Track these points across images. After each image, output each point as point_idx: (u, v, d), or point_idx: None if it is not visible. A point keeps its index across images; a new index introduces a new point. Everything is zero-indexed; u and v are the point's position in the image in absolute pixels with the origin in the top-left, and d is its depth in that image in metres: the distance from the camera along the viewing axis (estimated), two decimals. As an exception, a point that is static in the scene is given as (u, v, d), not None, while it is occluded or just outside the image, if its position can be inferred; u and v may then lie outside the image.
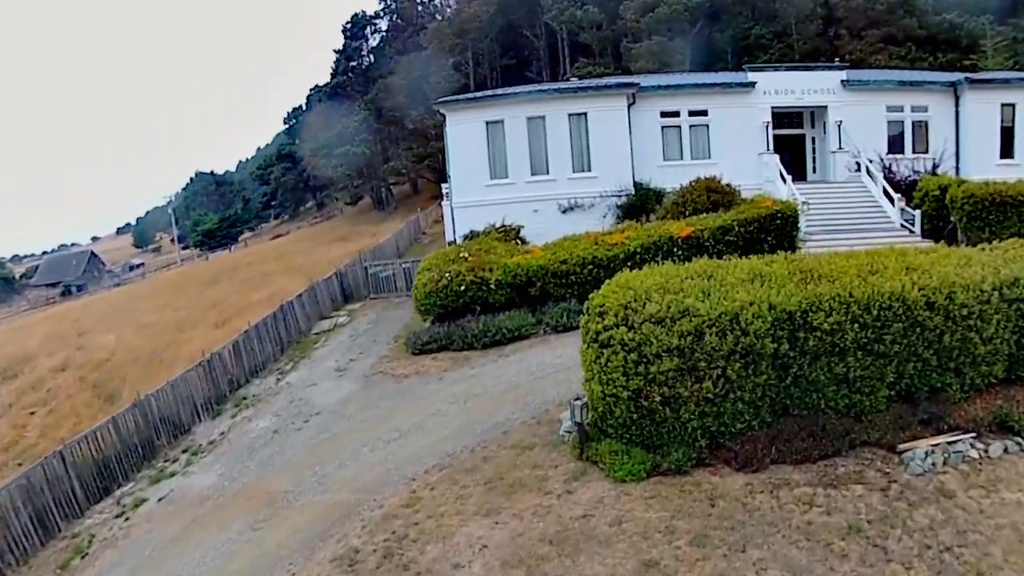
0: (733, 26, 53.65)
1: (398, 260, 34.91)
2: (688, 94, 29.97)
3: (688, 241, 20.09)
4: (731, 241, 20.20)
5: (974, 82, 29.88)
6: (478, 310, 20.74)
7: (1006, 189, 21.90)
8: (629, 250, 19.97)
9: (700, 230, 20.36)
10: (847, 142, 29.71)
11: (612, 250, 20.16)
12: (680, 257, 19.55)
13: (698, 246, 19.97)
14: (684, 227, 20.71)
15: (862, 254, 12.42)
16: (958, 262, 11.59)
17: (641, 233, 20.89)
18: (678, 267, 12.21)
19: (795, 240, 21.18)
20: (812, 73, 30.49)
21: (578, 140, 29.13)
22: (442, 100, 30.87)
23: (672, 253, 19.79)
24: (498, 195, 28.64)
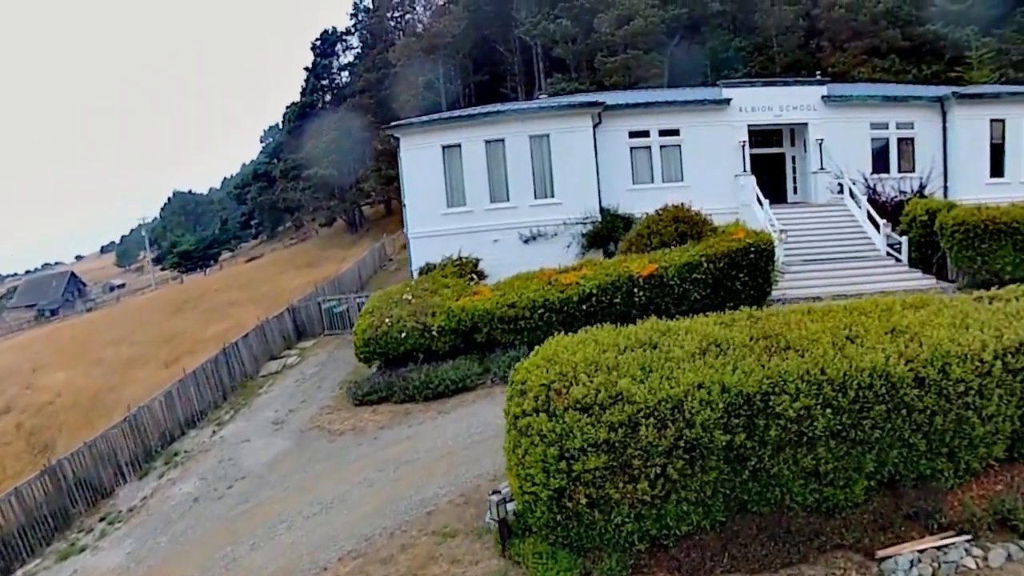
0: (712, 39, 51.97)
1: (352, 295, 33.49)
2: (658, 112, 28.11)
3: (650, 281, 18.25)
4: (699, 280, 18.38)
5: (962, 96, 28.15)
6: (421, 358, 18.96)
7: (999, 215, 20.11)
8: (584, 292, 18.15)
9: (664, 268, 18.41)
10: (829, 162, 27.90)
11: (566, 291, 18.26)
12: (642, 299, 18.07)
13: (661, 286, 18.33)
14: (646, 264, 18.79)
15: (839, 312, 10.48)
16: (952, 322, 9.66)
17: (599, 271, 18.96)
18: (619, 333, 10.18)
19: (771, 276, 19.27)
20: (791, 88, 28.68)
21: (540, 164, 27.14)
22: (396, 124, 28.88)
23: (632, 294, 18.38)
24: (456, 224, 26.84)
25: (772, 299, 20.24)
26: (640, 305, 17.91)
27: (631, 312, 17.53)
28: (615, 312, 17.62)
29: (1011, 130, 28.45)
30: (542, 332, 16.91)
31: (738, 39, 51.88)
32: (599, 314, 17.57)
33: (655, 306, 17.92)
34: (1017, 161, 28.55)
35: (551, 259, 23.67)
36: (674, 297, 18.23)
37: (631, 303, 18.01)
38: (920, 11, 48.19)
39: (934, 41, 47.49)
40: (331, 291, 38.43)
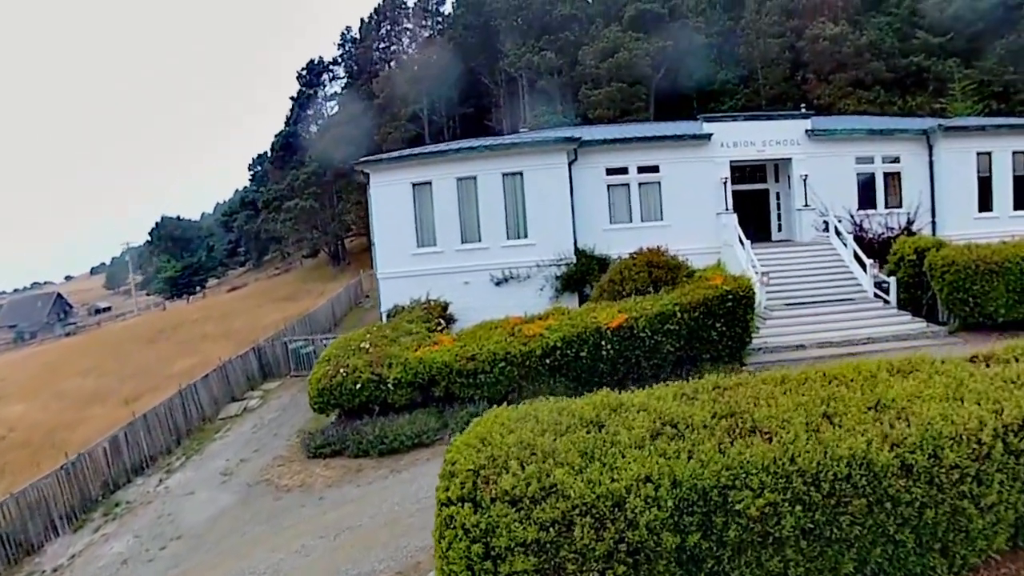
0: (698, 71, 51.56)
1: (319, 335, 32.41)
2: (637, 148, 27.10)
3: (619, 333, 16.82)
4: (672, 331, 17.06)
5: (948, 129, 27.38)
6: (377, 411, 17.66)
7: (991, 255, 19.13)
8: (548, 345, 16.73)
9: (634, 318, 16.95)
10: (813, 198, 26.99)
11: (529, 344, 16.82)
12: (610, 352, 16.97)
13: (631, 338, 16.91)
14: (615, 314, 17.44)
15: (816, 381, 9.30)
16: (945, 393, 8.47)
17: (564, 322, 17.50)
18: (562, 409, 8.95)
19: (750, 325, 18.17)
20: (774, 122, 27.86)
21: (513, 203, 25.93)
22: (365, 159, 27.74)
23: (600, 347, 16.83)
24: (426, 265, 25.64)
25: (753, 347, 19.26)
26: (608, 359, 16.78)
27: (598, 366, 16.66)
28: (581, 366, 16.67)
29: (997, 163, 27.71)
30: (503, 387, 16.42)
31: (724, 71, 51.45)
32: (564, 368, 16.77)
33: (624, 360, 16.92)
34: (1004, 194, 27.79)
35: (524, 302, 23.05)
36: (645, 350, 16.96)
37: (599, 357, 16.76)
38: (903, 43, 48.08)
39: (918, 73, 47.28)
40: (302, 329, 37.41)
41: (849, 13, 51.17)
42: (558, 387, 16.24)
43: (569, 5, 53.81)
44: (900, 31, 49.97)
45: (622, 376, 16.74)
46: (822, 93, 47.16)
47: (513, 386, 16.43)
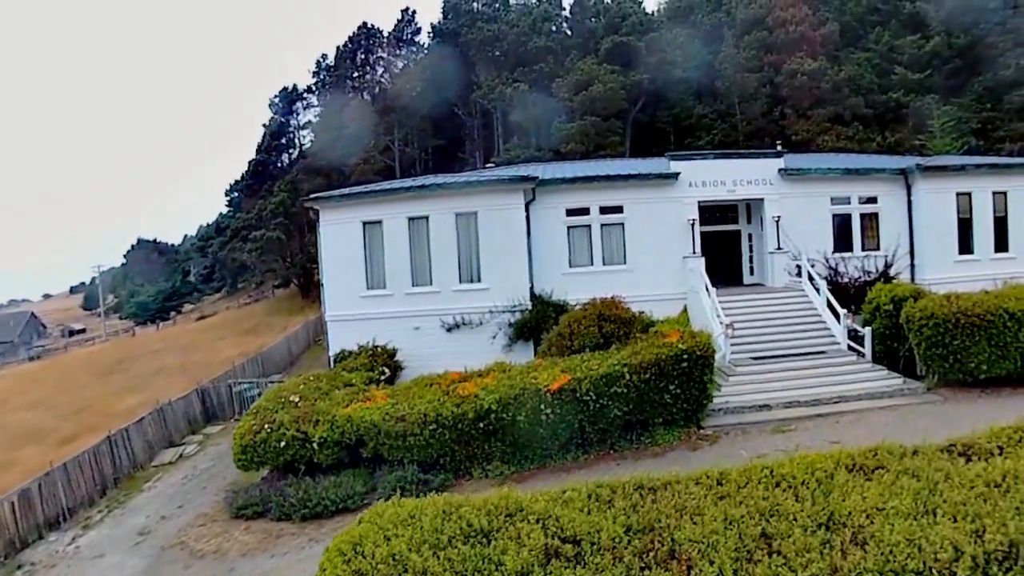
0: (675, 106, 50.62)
1: (265, 378, 31.16)
2: (599, 188, 25.59)
3: (560, 396, 15.19)
4: (620, 394, 15.44)
5: (926, 169, 26.14)
6: (302, 470, 16.46)
7: (972, 307, 17.72)
8: (482, 407, 15.22)
9: (578, 380, 15.33)
10: (786, 241, 25.61)
11: (462, 405, 15.38)
12: (550, 417, 15.25)
13: (574, 401, 15.27)
14: (558, 374, 15.80)
15: (758, 482, 7.80)
16: (915, 505, 6.93)
17: (502, 382, 15.90)
18: (452, 509, 7.43)
19: (708, 387, 16.56)
20: (745, 161, 26.55)
21: (467, 244, 24.39)
22: (314, 196, 26.23)
23: (539, 411, 15.16)
24: (375, 308, 24.18)
25: (714, 407, 17.73)
26: (549, 424, 15.22)
27: (538, 431, 15.17)
28: (519, 431, 15.17)
29: (977, 204, 26.51)
30: (434, 450, 15.42)
31: (701, 106, 50.50)
32: (501, 433, 15.36)
33: (567, 424, 15.36)
34: (985, 236, 26.55)
35: (476, 351, 22.06)
36: (589, 414, 15.41)
37: (538, 421, 15.17)
38: (882, 79, 47.32)
39: (896, 109, 46.52)
40: (252, 369, 35.89)
41: (828, 49, 50.54)
42: (494, 452, 15.40)
43: (545, 37, 52.96)
44: (879, 67, 49.31)
45: (565, 441, 15.56)
46: (800, 129, 46.23)
47: (445, 450, 15.32)
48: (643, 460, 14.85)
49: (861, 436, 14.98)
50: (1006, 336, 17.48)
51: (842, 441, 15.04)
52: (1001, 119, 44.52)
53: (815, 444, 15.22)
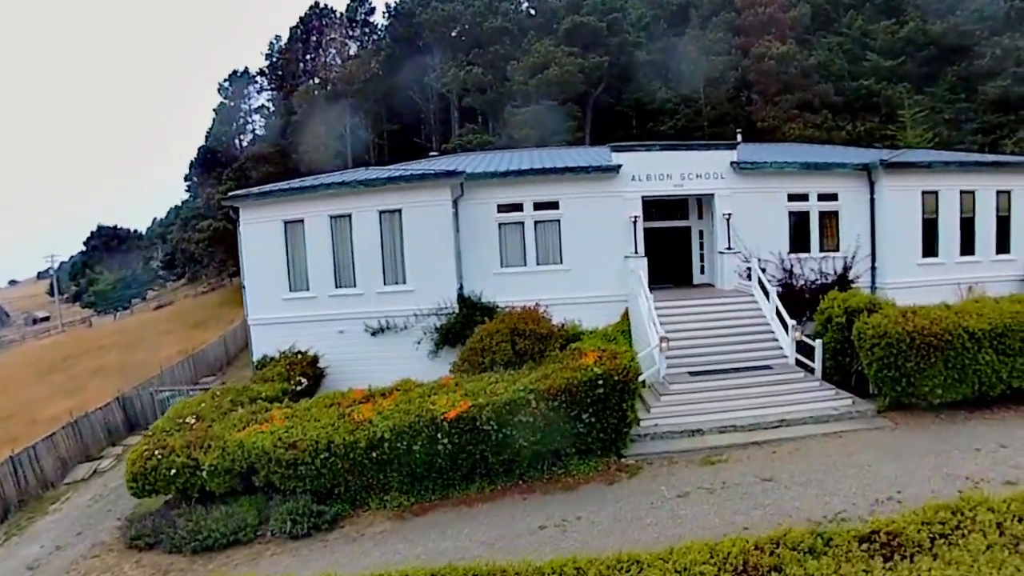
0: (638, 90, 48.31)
1: (188, 385, 29.16)
2: (532, 182, 23.35)
3: (459, 425, 13.56)
4: (525, 423, 13.70)
5: (890, 165, 24.11)
6: (195, 498, 15.16)
7: (929, 325, 15.79)
8: (375, 436, 13.73)
9: (479, 406, 13.65)
10: (737, 240, 23.55)
11: (355, 433, 13.85)
12: (448, 447, 13.73)
13: (474, 431, 13.66)
14: (459, 400, 14.09)
15: None
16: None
17: (400, 407, 14.31)
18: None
19: (628, 415, 14.64)
20: (695, 154, 24.27)
21: (391, 244, 22.53)
22: (232, 194, 24.18)
23: (436, 441, 13.65)
24: (299, 311, 22.54)
25: (640, 432, 15.90)
26: (447, 454, 13.77)
27: (436, 462, 13.84)
28: (416, 462, 13.82)
29: (944, 203, 24.61)
30: (327, 480, 14.06)
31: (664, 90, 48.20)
32: (396, 463, 13.96)
33: (467, 455, 13.88)
34: (950, 238, 24.69)
35: (402, 356, 21.40)
36: (492, 445, 13.79)
37: (435, 452, 13.75)
38: (853, 66, 45.26)
39: (868, 97, 44.55)
40: (183, 373, 33.91)
41: (798, 32, 48.38)
42: (391, 483, 14.10)
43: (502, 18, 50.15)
44: (850, 52, 47.25)
45: (468, 472, 14.20)
46: (767, 116, 44.09)
47: (339, 480, 14.03)
48: (554, 494, 13.62)
49: (797, 472, 13.45)
50: (964, 358, 15.67)
51: (775, 478, 13.17)
52: (975, 111, 42.68)
53: (744, 481, 13.32)
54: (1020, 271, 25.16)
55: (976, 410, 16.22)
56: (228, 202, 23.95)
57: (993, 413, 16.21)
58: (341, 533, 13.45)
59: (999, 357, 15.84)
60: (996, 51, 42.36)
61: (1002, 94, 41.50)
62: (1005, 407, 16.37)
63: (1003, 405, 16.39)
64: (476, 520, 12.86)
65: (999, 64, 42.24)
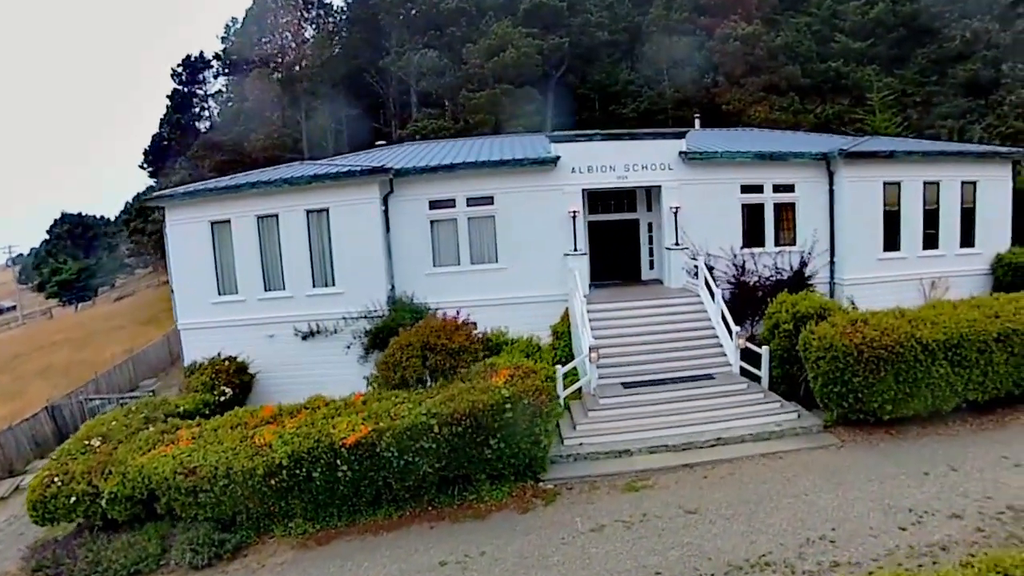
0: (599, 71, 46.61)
1: (117, 394, 27.96)
2: (466, 176, 21.77)
3: (357, 451, 12.59)
4: (428, 449, 12.72)
5: (850, 155, 22.67)
6: (97, 527, 14.15)
7: (880, 336, 14.49)
8: (272, 462, 12.70)
9: (379, 431, 12.59)
10: (684, 235, 22.12)
11: (254, 459, 12.83)
12: (347, 475, 12.75)
13: (374, 457, 12.68)
14: (359, 424, 12.86)
15: None
16: None
17: (300, 431, 13.14)
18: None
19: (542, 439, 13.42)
20: (640, 143, 22.68)
21: (319, 245, 21.37)
22: (157, 195, 23.32)
23: (335, 468, 12.68)
24: (228, 315, 21.52)
25: (562, 453, 14.72)
26: (348, 481, 12.82)
27: (338, 489, 12.88)
28: (316, 489, 12.87)
29: (907, 195, 23.25)
30: (227, 507, 13.09)
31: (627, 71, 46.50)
32: (297, 490, 12.92)
33: (370, 481, 12.94)
34: (913, 231, 23.36)
35: (333, 361, 20.52)
36: (394, 471, 12.84)
37: (335, 479, 12.78)
38: (822, 47, 43.74)
39: (836, 79, 43.09)
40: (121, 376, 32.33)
41: (765, 12, 46.72)
42: (294, 510, 13.13)
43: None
44: (819, 34, 45.69)
45: (373, 498, 13.26)
46: (732, 98, 42.54)
47: (240, 507, 13.13)
48: (463, 522, 12.79)
49: (726, 501, 12.42)
50: (917, 371, 14.35)
51: (700, 510, 12.15)
52: (944, 94, 41.33)
53: (666, 513, 12.22)
54: (985, 265, 23.99)
55: (929, 424, 15.10)
56: (152, 203, 23.23)
57: (947, 428, 15.08)
58: (243, 563, 12.67)
59: (954, 369, 14.63)
60: (966, 34, 41.07)
61: (972, 77, 40.22)
62: (961, 420, 15.31)
63: (958, 418, 15.31)
64: (379, 551, 12.04)
65: (969, 47, 40.96)
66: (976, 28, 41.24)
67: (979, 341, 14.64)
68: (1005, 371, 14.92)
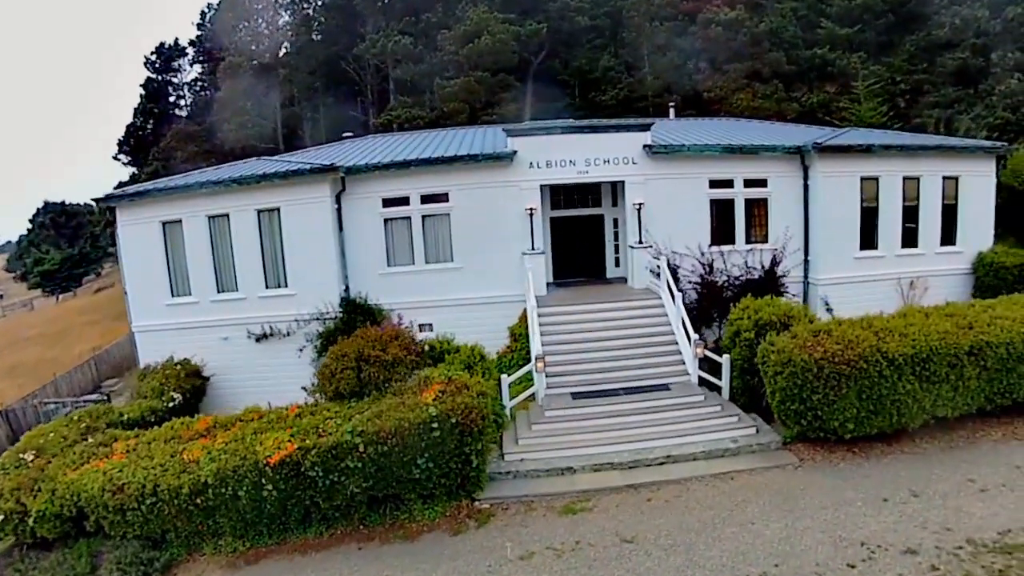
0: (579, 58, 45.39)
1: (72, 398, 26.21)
2: (419, 173, 20.77)
3: (282, 470, 12.05)
4: (353, 469, 12.14)
5: (824, 149, 21.54)
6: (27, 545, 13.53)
7: (843, 350, 13.49)
8: (199, 480, 12.21)
9: (304, 450, 12.10)
10: (648, 233, 21.12)
11: (181, 477, 12.34)
12: (273, 495, 12.16)
13: (299, 476, 12.15)
14: (286, 441, 12.31)
15: None
16: None
17: (227, 448, 12.65)
18: None
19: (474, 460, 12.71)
20: (602, 136, 21.63)
21: (271, 245, 20.57)
22: (107, 195, 22.04)
23: (261, 487, 12.13)
24: (182, 318, 20.83)
25: (503, 469, 13.90)
26: (274, 500, 12.25)
27: (265, 508, 12.30)
28: (242, 509, 12.30)
29: (885, 190, 22.13)
30: (155, 526, 12.59)
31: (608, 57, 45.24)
32: (223, 509, 12.37)
33: (296, 500, 12.38)
34: (892, 229, 22.24)
35: (287, 363, 19.83)
36: (321, 491, 12.31)
37: (260, 498, 12.23)
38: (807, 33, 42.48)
39: (822, 67, 41.87)
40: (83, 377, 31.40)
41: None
42: (223, 528, 12.62)
43: (434, -17, 46.82)
44: (805, 19, 44.47)
45: (303, 517, 12.74)
46: (713, 86, 41.34)
47: (168, 525, 12.66)
48: (392, 543, 12.27)
49: (667, 529, 11.66)
50: (881, 388, 13.35)
51: (638, 539, 11.43)
52: (932, 83, 40.14)
53: (601, 541, 11.52)
54: (966, 264, 22.96)
55: (895, 442, 14.20)
56: (103, 203, 21.93)
57: (915, 445, 14.17)
58: (171, 583, 12.29)
59: (922, 385, 13.61)
60: (956, 21, 39.91)
61: (961, 66, 39.06)
62: (929, 436, 14.40)
63: (927, 435, 14.38)
64: (305, 573, 11.65)
65: (958, 35, 39.78)
66: (966, 15, 40.12)
67: (950, 355, 13.65)
68: (977, 386, 13.98)
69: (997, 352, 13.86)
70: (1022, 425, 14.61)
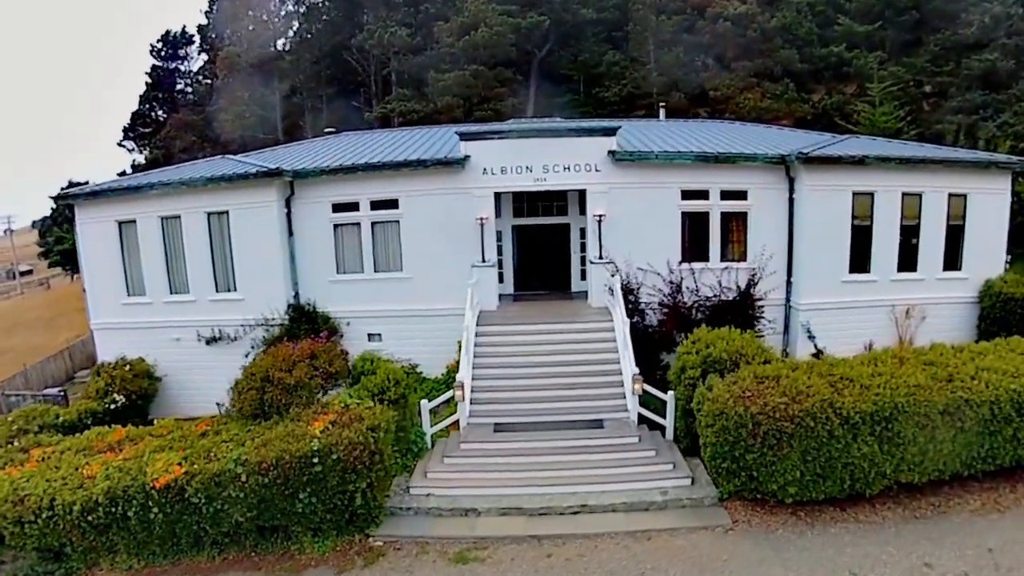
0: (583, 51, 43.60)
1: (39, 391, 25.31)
2: (368, 178, 19.67)
3: (167, 494, 11.89)
4: (236, 498, 11.76)
5: (811, 160, 19.47)
6: None
7: (788, 403, 11.79)
8: (91, 498, 11.93)
9: (189, 475, 11.90)
10: (606, 249, 19.45)
11: (76, 493, 12.10)
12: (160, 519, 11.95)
13: (183, 502, 11.91)
14: (174, 465, 12.13)
15: None
16: None
17: (123, 465, 12.48)
18: None
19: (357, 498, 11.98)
20: (564, 141, 19.83)
21: (220, 248, 20.39)
22: (65, 192, 23.02)
23: (148, 509, 11.95)
24: (137, 317, 21.01)
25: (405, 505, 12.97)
26: (162, 523, 12.07)
27: (154, 530, 12.13)
28: (133, 529, 12.07)
29: (882, 207, 19.90)
30: (53, 540, 12.35)
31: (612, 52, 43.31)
32: (115, 528, 12.14)
33: (184, 524, 12.15)
34: (887, 250, 19.96)
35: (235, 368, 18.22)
36: (206, 517, 12.03)
37: (148, 520, 12.03)
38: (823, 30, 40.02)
39: (838, 66, 39.41)
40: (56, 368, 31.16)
41: (763, -12, 42.95)
42: (118, 547, 12.44)
43: (435, -27, 45.15)
44: (821, 15, 41.97)
45: (194, 540, 12.48)
46: (720, 84, 39.19)
47: (64, 540, 12.46)
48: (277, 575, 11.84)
49: None
50: (831, 449, 11.54)
51: None
52: (958, 86, 37.49)
53: None
54: (972, 292, 20.48)
55: (850, 506, 12.34)
56: (62, 201, 23.01)
57: (873, 511, 12.32)
58: (67, 597, 12.08)
59: (883, 447, 11.73)
60: (985, 19, 37.06)
61: (989, 68, 36.32)
62: (893, 502, 12.50)
63: (890, 499, 12.49)
64: None
65: (987, 34, 36.97)
66: (997, 13, 37.24)
67: (919, 414, 11.70)
68: (952, 450, 11.99)
69: (979, 412, 11.88)
70: (1008, 492, 12.66)
